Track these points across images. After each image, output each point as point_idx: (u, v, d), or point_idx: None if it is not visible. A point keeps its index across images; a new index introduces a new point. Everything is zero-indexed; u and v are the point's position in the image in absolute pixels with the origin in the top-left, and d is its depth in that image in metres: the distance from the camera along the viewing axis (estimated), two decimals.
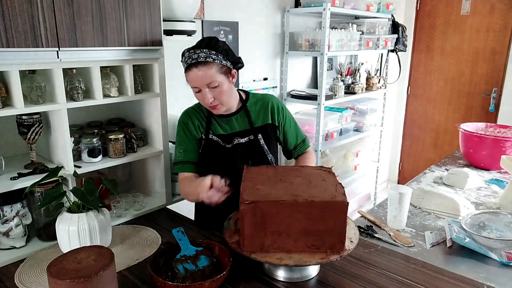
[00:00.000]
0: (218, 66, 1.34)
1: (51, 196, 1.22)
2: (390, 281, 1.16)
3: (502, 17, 3.67)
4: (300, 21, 3.02)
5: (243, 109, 1.52)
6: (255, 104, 1.54)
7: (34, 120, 1.35)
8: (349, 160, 3.43)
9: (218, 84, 1.35)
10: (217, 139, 1.48)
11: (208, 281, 1.03)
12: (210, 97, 1.36)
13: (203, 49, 1.33)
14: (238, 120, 1.51)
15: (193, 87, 1.37)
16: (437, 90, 4.20)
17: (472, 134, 2.25)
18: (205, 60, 1.32)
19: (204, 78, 1.33)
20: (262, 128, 1.52)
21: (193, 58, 1.32)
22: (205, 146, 1.49)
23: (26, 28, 1.17)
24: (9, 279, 1.17)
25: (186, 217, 1.62)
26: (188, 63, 1.34)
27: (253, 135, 1.50)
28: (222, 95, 1.38)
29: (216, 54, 1.34)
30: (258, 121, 1.52)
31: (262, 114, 1.53)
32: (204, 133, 1.49)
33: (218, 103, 1.39)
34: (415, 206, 1.77)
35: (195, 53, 1.33)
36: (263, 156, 1.52)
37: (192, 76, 1.34)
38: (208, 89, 1.35)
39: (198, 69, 1.32)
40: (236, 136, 1.49)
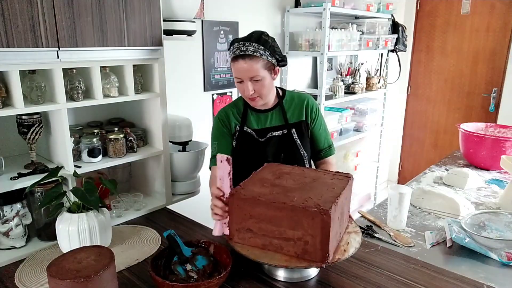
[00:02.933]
0: (264, 62, 1.39)
1: (51, 196, 1.22)
2: (390, 281, 1.16)
3: (502, 17, 3.67)
4: (300, 21, 3.01)
5: (279, 105, 1.56)
6: (291, 101, 1.57)
7: (34, 120, 1.35)
8: (349, 160, 3.43)
9: (260, 78, 1.40)
10: (251, 132, 1.52)
11: (208, 281, 1.03)
12: (251, 90, 1.41)
13: (253, 43, 1.38)
14: (274, 116, 1.55)
15: (236, 77, 1.42)
16: (437, 90, 4.20)
17: (472, 134, 2.25)
18: (253, 54, 1.37)
19: (249, 71, 1.38)
20: (296, 124, 1.55)
21: (242, 50, 1.38)
22: (239, 139, 1.53)
23: (26, 28, 1.17)
24: (9, 279, 1.17)
25: (186, 217, 1.62)
26: (236, 54, 1.39)
27: (286, 129, 1.53)
28: (262, 89, 1.43)
29: (264, 50, 1.39)
30: (293, 117, 1.56)
31: (297, 111, 1.56)
32: (239, 126, 1.53)
33: (258, 96, 1.44)
34: (415, 206, 1.77)
35: (244, 45, 1.38)
36: (295, 151, 1.54)
37: (238, 67, 1.39)
38: (251, 82, 1.40)
39: (244, 61, 1.38)
40: (270, 131, 1.53)
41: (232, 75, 2.53)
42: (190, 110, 2.32)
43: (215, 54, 2.40)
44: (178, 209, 1.72)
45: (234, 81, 1.46)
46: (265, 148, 1.52)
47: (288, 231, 1.07)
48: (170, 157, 1.71)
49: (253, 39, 1.39)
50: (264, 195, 1.10)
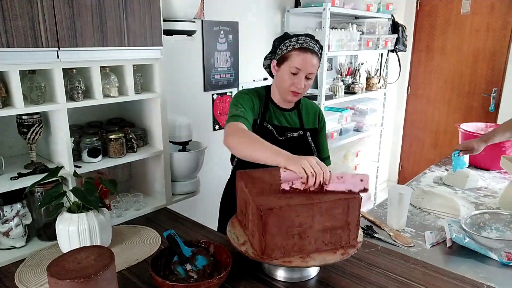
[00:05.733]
0: (318, 64, 1.47)
1: (51, 196, 1.22)
2: (390, 281, 1.16)
3: (502, 17, 3.67)
4: (300, 21, 3.01)
5: (297, 108, 1.60)
6: (306, 107, 1.63)
7: (34, 120, 1.35)
8: (349, 160, 3.43)
9: (312, 78, 1.46)
10: (272, 129, 1.52)
11: (208, 281, 1.03)
12: (303, 84, 1.44)
13: (316, 44, 1.46)
14: (292, 117, 1.58)
15: (296, 67, 1.42)
16: (437, 90, 4.20)
17: (472, 134, 2.25)
18: (318, 53, 1.46)
19: (312, 66, 1.43)
20: (311, 130, 1.60)
21: (311, 45, 1.43)
22: (258, 132, 1.47)
23: (26, 28, 1.17)
24: (9, 279, 1.17)
25: (186, 217, 1.62)
26: (304, 47, 1.42)
27: (302, 131, 1.57)
28: (307, 87, 1.48)
29: (320, 54, 1.49)
30: (309, 123, 1.61)
31: (312, 118, 1.62)
32: (259, 120, 1.52)
33: (302, 92, 1.47)
34: (415, 206, 1.77)
35: (311, 41, 1.44)
36: (309, 153, 1.57)
37: (305, 59, 1.41)
38: (305, 77, 1.44)
39: (312, 56, 1.42)
40: (288, 131, 1.54)
41: (231, 75, 2.54)
42: (190, 110, 2.32)
43: (215, 54, 2.40)
44: (178, 209, 1.72)
45: (283, 72, 1.43)
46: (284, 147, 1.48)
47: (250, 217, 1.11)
48: (170, 157, 1.71)
49: (314, 40, 1.46)
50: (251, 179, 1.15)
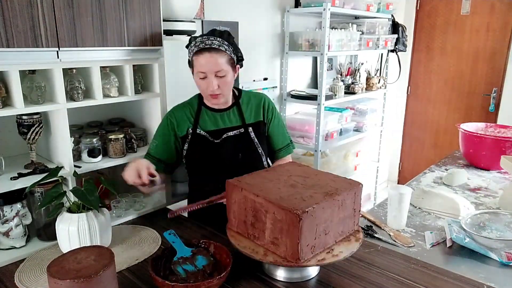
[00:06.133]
0: (228, 57, 1.39)
1: (51, 196, 1.22)
2: (390, 281, 1.16)
3: (502, 17, 3.67)
4: (300, 21, 3.01)
5: (235, 105, 1.53)
6: (248, 101, 1.56)
7: (34, 120, 1.35)
8: (349, 160, 3.43)
9: (225, 74, 1.38)
10: (205, 134, 1.49)
11: (208, 281, 1.03)
12: (215, 85, 1.38)
13: (217, 38, 1.38)
14: (230, 116, 1.52)
15: (200, 72, 1.38)
16: (437, 90, 4.20)
17: (472, 134, 2.25)
18: (218, 48, 1.36)
19: (215, 65, 1.36)
20: (254, 124, 1.54)
21: (207, 43, 1.36)
22: (192, 141, 1.49)
23: (26, 28, 1.17)
24: (9, 279, 1.17)
25: (186, 217, 1.62)
26: (200, 48, 1.36)
27: (243, 129, 1.51)
28: (226, 86, 1.41)
29: (228, 45, 1.39)
30: (251, 118, 1.54)
31: (255, 111, 1.55)
32: (192, 128, 1.49)
33: (220, 92, 1.41)
34: (415, 206, 1.77)
35: (208, 39, 1.37)
36: (253, 149, 1.52)
37: (204, 60, 1.36)
38: (215, 77, 1.38)
39: (210, 54, 1.35)
40: (226, 131, 1.50)
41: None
42: None
43: None
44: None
45: (195, 78, 1.42)
46: (220, 150, 1.48)
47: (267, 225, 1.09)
48: None
49: (216, 34, 1.40)
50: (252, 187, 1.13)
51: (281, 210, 1.04)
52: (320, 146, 2.87)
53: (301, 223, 1.00)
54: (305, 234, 1.02)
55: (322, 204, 1.06)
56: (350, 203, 1.16)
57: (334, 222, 1.11)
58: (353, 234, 1.19)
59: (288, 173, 1.26)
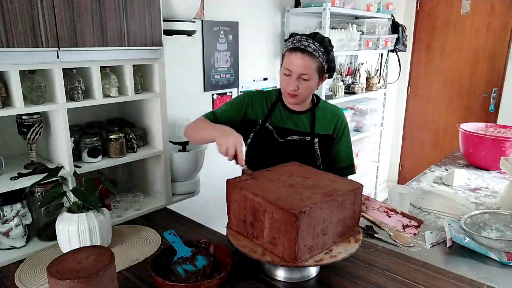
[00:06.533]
0: (318, 64, 1.38)
1: (51, 196, 1.22)
2: (390, 281, 1.16)
3: (502, 17, 3.67)
4: (300, 21, 3.01)
5: (310, 111, 1.52)
6: (323, 111, 1.53)
7: (34, 120, 1.35)
8: None
9: (309, 78, 1.39)
10: (272, 130, 1.48)
11: (208, 281, 1.03)
12: (295, 86, 1.39)
13: (315, 42, 1.38)
14: (302, 120, 1.51)
15: (286, 68, 1.39)
16: (437, 90, 4.20)
17: (472, 134, 2.25)
18: (312, 52, 1.36)
19: (303, 67, 1.36)
20: (321, 136, 1.50)
21: (303, 44, 1.36)
22: (258, 133, 1.48)
23: (26, 28, 1.17)
24: (9, 279, 1.17)
25: (186, 217, 1.62)
26: (295, 46, 1.37)
27: (309, 137, 1.49)
28: (306, 90, 1.41)
29: (323, 53, 1.39)
30: (321, 128, 1.51)
31: (327, 124, 1.52)
32: (262, 120, 1.49)
33: (299, 94, 1.41)
34: (415, 206, 1.77)
35: (306, 40, 1.37)
36: (312, 160, 1.49)
37: (294, 59, 1.37)
38: (298, 79, 1.38)
39: (303, 56, 1.36)
40: (291, 133, 1.48)
41: (231, 75, 2.54)
42: (190, 110, 2.32)
43: (215, 54, 2.40)
44: (178, 209, 1.72)
45: (281, 72, 1.44)
46: (281, 151, 1.47)
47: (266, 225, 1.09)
48: (170, 157, 1.71)
49: (317, 39, 1.39)
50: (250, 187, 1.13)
51: (279, 210, 1.04)
52: None
53: (298, 223, 1.00)
54: (302, 234, 1.02)
55: (321, 204, 1.06)
56: (350, 204, 1.16)
57: (333, 223, 1.11)
58: (352, 235, 1.19)
59: (288, 173, 1.26)
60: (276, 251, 1.08)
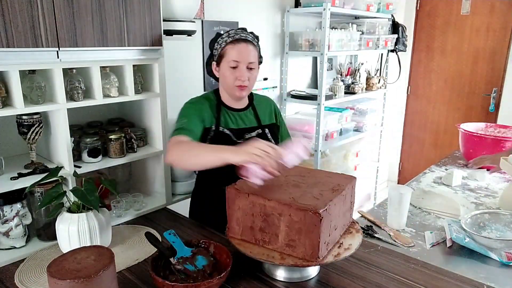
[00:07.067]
0: (258, 53, 1.46)
1: (51, 196, 1.22)
2: (390, 281, 1.16)
3: (502, 17, 3.67)
4: (300, 21, 3.01)
5: (251, 106, 1.57)
6: (260, 104, 1.60)
7: (34, 120, 1.35)
8: (349, 160, 3.43)
9: (254, 67, 1.44)
10: (228, 133, 1.47)
11: (208, 281, 1.03)
12: (246, 76, 1.41)
13: (249, 33, 1.45)
14: (247, 116, 1.55)
15: (234, 60, 1.40)
16: (437, 90, 4.20)
17: (472, 134, 2.25)
18: (252, 41, 1.44)
19: (250, 56, 1.41)
20: (269, 126, 1.58)
21: (242, 35, 1.42)
22: (215, 138, 1.46)
23: (26, 28, 1.17)
24: (9, 279, 1.17)
25: (186, 217, 1.62)
26: (236, 38, 1.41)
27: (261, 129, 1.54)
28: (253, 79, 1.45)
29: (257, 43, 1.47)
30: (266, 119, 1.58)
31: (268, 114, 1.60)
32: (215, 124, 1.47)
33: (247, 85, 1.44)
34: (415, 206, 1.77)
35: (243, 32, 1.43)
36: None
37: (240, 49, 1.40)
38: (246, 69, 1.42)
39: (247, 45, 1.41)
40: (246, 132, 1.52)
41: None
42: None
43: None
44: (178, 209, 1.72)
45: (223, 68, 1.42)
46: None
47: (281, 228, 1.08)
48: None
49: (247, 31, 1.46)
50: (259, 191, 1.11)
51: (299, 211, 1.03)
52: (320, 146, 2.87)
53: (321, 222, 1.01)
54: (323, 232, 1.04)
55: (334, 200, 1.08)
56: (349, 197, 1.20)
57: (340, 217, 1.14)
58: (351, 226, 1.25)
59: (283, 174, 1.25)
60: (295, 253, 1.08)
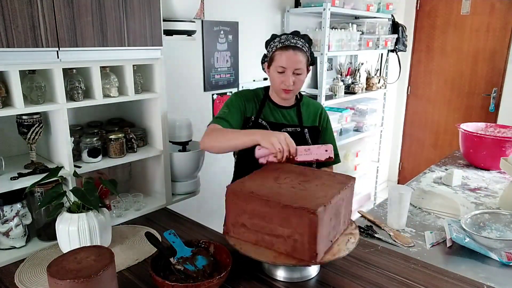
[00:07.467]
0: (307, 58, 1.51)
1: (51, 196, 1.22)
2: (390, 281, 1.16)
3: (502, 17, 3.67)
4: (300, 21, 3.01)
5: (296, 106, 1.62)
6: (307, 106, 1.65)
7: (34, 120, 1.35)
8: (349, 160, 3.43)
9: (301, 72, 1.49)
10: (266, 124, 1.55)
11: (208, 281, 1.03)
12: (292, 81, 1.47)
13: (301, 39, 1.50)
14: (290, 114, 1.60)
15: (280, 66, 1.47)
16: (437, 90, 4.20)
17: (472, 134, 2.25)
18: (302, 48, 1.48)
19: (296, 62, 1.46)
20: (310, 128, 1.61)
21: (292, 42, 1.47)
22: (253, 128, 1.54)
23: (26, 28, 1.17)
24: (9, 279, 1.17)
25: (186, 217, 1.62)
26: (286, 44, 1.47)
27: (300, 128, 1.59)
28: (299, 83, 1.51)
29: (308, 48, 1.52)
30: (308, 121, 1.62)
31: (312, 117, 1.64)
32: (255, 116, 1.56)
33: (293, 89, 1.50)
34: (415, 206, 1.77)
35: (293, 38, 1.49)
36: None
37: (288, 56, 1.46)
38: (292, 74, 1.47)
39: (295, 52, 1.46)
40: (284, 126, 1.57)
41: (231, 75, 2.54)
42: (190, 110, 2.32)
43: (215, 54, 2.40)
44: (178, 209, 1.72)
45: (272, 71, 1.51)
46: None
47: (279, 228, 1.07)
48: (170, 157, 1.71)
49: (300, 36, 1.51)
50: (258, 192, 1.11)
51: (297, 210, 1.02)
52: None
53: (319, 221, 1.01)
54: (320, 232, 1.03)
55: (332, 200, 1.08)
56: (348, 197, 1.21)
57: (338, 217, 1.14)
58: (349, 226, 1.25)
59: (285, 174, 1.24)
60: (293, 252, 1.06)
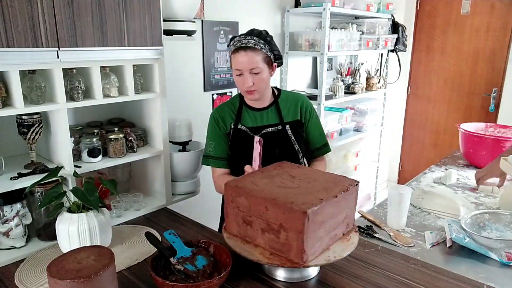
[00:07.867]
0: (263, 55, 1.46)
1: (51, 196, 1.22)
2: (390, 281, 1.16)
3: (502, 17, 3.67)
4: (300, 21, 3.01)
5: (274, 104, 1.60)
6: (286, 101, 1.62)
7: (34, 120, 1.35)
8: (349, 160, 3.43)
9: (260, 71, 1.45)
10: (246, 129, 1.55)
11: (208, 281, 1.03)
12: (250, 81, 1.45)
13: (253, 37, 1.45)
14: (269, 114, 1.59)
15: (236, 69, 1.46)
16: (437, 90, 4.20)
17: (472, 134, 2.25)
18: (254, 47, 1.44)
19: (249, 63, 1.43)
20: (291, 123, 1.59)
21: (243, 42, 1.44)
22: (234, 136, 1.56)
23: (26, 28, 1.17)
24: (9, 279, 1.17)
25: (186, 217, 1.62)
26: (237, 46, 1.45)
27: (281, 126, 1.57)
28: (260, 82, 1.47)
29: (264, 44, 1.46)
30: (288, 116, 1.59)
31: (292, 111, 1.60)
32: (234, 123, 1.57)
33: (255, 89, 1.48)
34: (415, 206, 1.77)
35: (245, 38, 1.45)
36: (290, 146, 1.57)
37: (239, 58, 1.44)
38: (250, 74, 1.45)
39: (246, 53, 1.43)
40: (264, 128, 1.56)
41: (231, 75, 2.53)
42: (190, 110, 2.32)
43: (215, 54, 2.40)
44: (178, 209, 1.72)
45: (233, 75, 1.50)
46: None
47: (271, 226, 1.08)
48: (170, 157, 1.71)
49: (254, 34, 1.46)
50: (253, 189, 1.11)
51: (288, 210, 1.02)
52: None
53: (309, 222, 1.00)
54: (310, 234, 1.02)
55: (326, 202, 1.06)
56: (349, 200, 1.17)
57: (335, 220, 1.13)
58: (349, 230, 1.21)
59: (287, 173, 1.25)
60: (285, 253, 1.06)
